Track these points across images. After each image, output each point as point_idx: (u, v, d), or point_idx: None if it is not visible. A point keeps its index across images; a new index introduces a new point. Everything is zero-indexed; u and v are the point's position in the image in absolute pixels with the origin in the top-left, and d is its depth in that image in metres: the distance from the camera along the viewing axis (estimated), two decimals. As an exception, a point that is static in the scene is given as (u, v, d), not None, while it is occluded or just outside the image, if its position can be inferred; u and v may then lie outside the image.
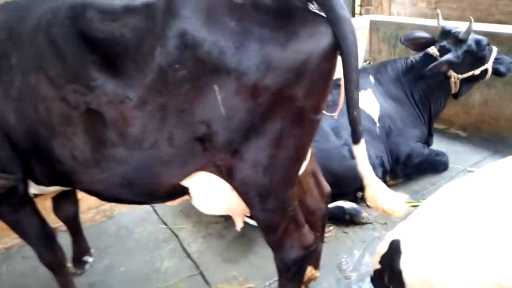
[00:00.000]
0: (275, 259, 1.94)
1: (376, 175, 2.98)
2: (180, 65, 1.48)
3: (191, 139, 1.63)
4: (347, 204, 3.09)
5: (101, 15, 1.58)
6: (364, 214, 3.08)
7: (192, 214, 3.33)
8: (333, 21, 1.49)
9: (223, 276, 2.71)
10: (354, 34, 1.54)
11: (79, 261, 2.90)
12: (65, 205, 2.67)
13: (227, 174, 1.71)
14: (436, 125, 3.96)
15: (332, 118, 3.02)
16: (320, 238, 2.34)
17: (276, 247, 1.89)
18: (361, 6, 5.81)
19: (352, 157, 2.98)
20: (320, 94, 1.59)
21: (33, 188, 2.14)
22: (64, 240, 2.71)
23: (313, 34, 1.46)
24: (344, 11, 1.52)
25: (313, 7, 1.54)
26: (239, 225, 2.07)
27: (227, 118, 1.53)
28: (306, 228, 1.91)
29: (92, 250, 2.97)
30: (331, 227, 3.06)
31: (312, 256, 2.12)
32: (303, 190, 2.18)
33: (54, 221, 2.62)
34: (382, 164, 3.25)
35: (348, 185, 3.12)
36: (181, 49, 1.46)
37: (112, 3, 1.59)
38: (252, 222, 3.01)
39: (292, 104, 1.54)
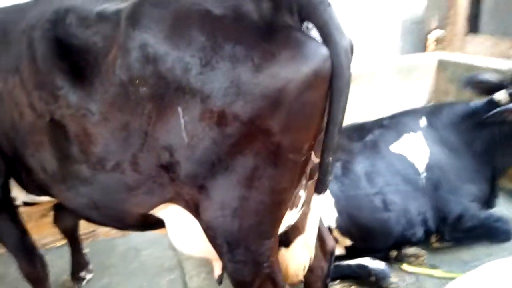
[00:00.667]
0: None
1: (415, 234, 2.60)
2: (140, 81, 1.30)
3: (156, 166, 1.42)
4: (373, 263, 2.62)
5: (78, 21, 1.46)
6: (394, 279, 2.58)
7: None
8: (329, 48, 1.22)
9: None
10: (350, 68, 1.25)
11: (76, 277, 2.80)
12: (65, 216, 2.60)
13: (195, 212, 1.46)
14: (504, 184, 3.32)
15: (367, 160, 2.70)
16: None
17: (247, 307, 1.57)
18: (436, 42, 5.29)
19: (386, 209, 2.59)
20: (301, 131, 1.29)
21: (24, 197, 2.08)
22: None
23: (293, 58, 1.18)
24: (343, 38, 1.23)
25: (308, 29, 1.27)
26: (216, 271, 1.78)
27: (190, 147, 1.30)
28: None
29: (91, 266, 2.86)
30: (352, 287, 2.62)
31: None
32: (301, 243, 1.84)
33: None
34: (425, 222, 2.73)
35: (378, 240, 2.67)
36: (142, 62, 1.27)
37: (91, 8, 1.46)
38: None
39: (266, 138, 1.26)
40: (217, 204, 1.37)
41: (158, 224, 1.69)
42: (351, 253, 2.72)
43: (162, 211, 1.60)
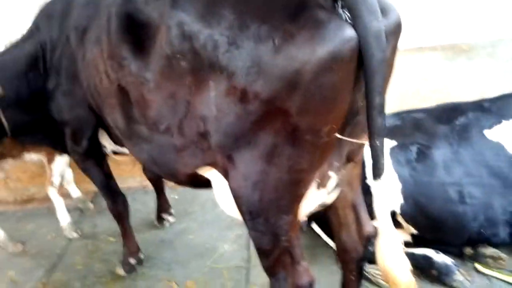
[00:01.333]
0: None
1: (497, 234, 2.35)
2: (180, 56, 1.41)
3: (196, 133, 1.55)
4: (438, 257, 2.44)
5: None
6: (459, 277, 2.38)
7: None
8: (357, 30, 1.17)
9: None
10: (384, 50, 1.18)
11: (159, 217, 3.25)
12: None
13: (226, 179, 1.58)
14: None
15: (449, 147, 2.46)
16: (354, 284, 1.95)
17: (269, 275, 1.68)
18: None
19: (462, 202, 2.37)
20: (319, 114, 1.26)
21: (112, 146, 2.47)
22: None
23: (311, 39, 1.15)
24: (374, 20, 1.17)
25: (339, 8, 1.22)
26: None
27: (217, 119, 1.40)
28: (302, 266, 1.61)
29: (172, 211, 3.26)
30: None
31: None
32: (339, 223, 1.84)
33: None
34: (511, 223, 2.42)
35: (448, 234, 2.46)
36: (180, 39, 1.38)
37: None
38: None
39: (284, 119, 1.28)
40: (241, 175, 1.46)
41: (208, 183, 1.86)
42: (418, 242, 2.57)
43: (208, 173, 1.76)
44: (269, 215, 1.50)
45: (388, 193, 2.01)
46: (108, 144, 2.45)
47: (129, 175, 3.95)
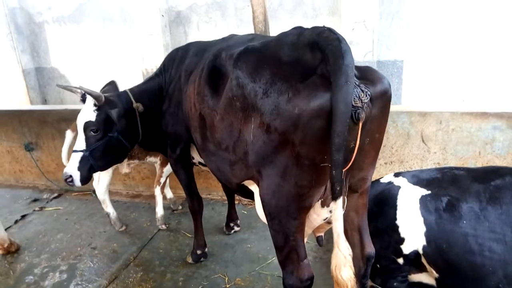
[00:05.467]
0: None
1: None
2: (236, 98, 2.07)
3: (243, 152, 2.19)
4: (453, 302, 2.65)
5: (226, 56, 2.36)
6: (472, 325, 2.55)
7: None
8: (332, 87, 1.68)
9: None
10: (347, 105, 1.65)
11: (228, 225, 3.95)
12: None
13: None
14: None
15: (479, 203, 2.69)
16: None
17: (281, 267, 2.18)
18: None
19: (481, 254, 2.58)
20: (312, 146, 1.79)
21: (199, 158, 3.27)
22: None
23: (308, 96, 1.72)
24: (345, 84, 1.65)
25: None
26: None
27: (253, 143, 2.01)
28: (305, 262, 2.09)
29: (239, 222, 3.93)
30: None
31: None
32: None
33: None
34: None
35: (468, 284, 2.64)
36: (237, 87, 2.05)
37: (233, 50, 2.33)
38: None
39: (292, 147, 1.84)
40: (266, 185, 2.03)
41: (252, 194, 2.47)
42: (442, 287, 2.78)
43: (252, 186, 2.37)
44: (281, 218, 2.03)
45: (413, 231, 2.38)
46: (196, 155, 3.26)
47: (214, 189, 4.78)
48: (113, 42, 6.68)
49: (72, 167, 3.06)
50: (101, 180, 4.00)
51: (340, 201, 1.78)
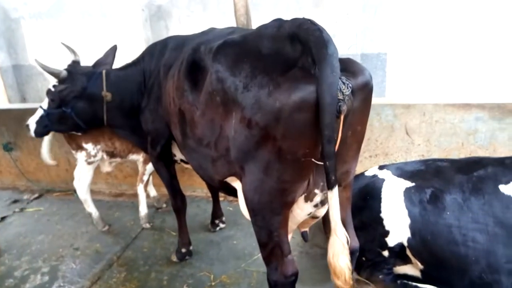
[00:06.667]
0: (267, 274, 2.20)
1: (499, 282, 2.53)
2: (216, 93, 2.03)
3: (225, 148, 2.14)
4: (438, 293, 2.66)
5: (205, 50, 2.30)
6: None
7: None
8: (317, 79, 1.65)
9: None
10: (334, 97, 1.63)
11: (213, 222, 3.91)
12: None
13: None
14: None
15: (462, 194, 2.69)
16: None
17: (265, 263, 2.15)
18: None
19: (464, 244, 2.59)
20: (295, 140, 1.75)
21: (180, 155, 3.21)
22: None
23: (289, 89, 1.68)
24: (331, 75, 1.63)
25: (315, 68, 1.73)
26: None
27: (234, 138, 1.97)
28: (289, 258, 2.06)
29: (224, 219, 3.89)
30: (411, 307, 2.74)
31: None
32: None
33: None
34: (516, 274, 2.53)
35: (449, 273, 2.66)
36: (216, 81, 2.00)
37: (212, 44, 2.28)
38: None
39: (273, 142, 1.80)
40: (248, 181, 1.99)
41: (235, 192, 2.42)
42: (427, 279, 2.80)
43: (234, 183, 2.33)
44: (265, 214, 1.99)
45: (398, 224, 2.36)
46: (177, 153, 3.20)
47: (199, 186, 4.72)
48: (92, 37, 6.52)
49: (32, 119, 3.52)
50: (82, 179, 3.90)
51: (336, 190, 1.76)
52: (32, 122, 3.50)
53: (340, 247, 1.82)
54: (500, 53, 5.00)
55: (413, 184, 2.88)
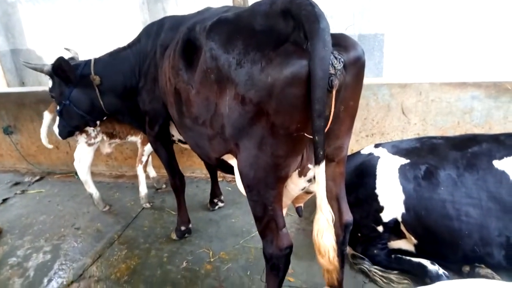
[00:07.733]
0: (263, 248, 2.25)
1: (491, 255, 2.58)
2: (210, 71, 2.04)
3: (220, 126, 2.17)
4: (432, 267, 2.72)
5: (200, 29, 2.32)
6: None
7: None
8: (309, 53, 1.66)
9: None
10: (325, 71, 1.65)
11: (212, 201, 3.96)
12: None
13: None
14: None
15: (456, 170, 2.72)
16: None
17: (261, 237, 2.20)
18: None
19: (458, 219, 2.64)
20: (287, 115, 1.77)
21: (178, 135, 3.24)
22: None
23: (280, 64, 1.69)
24: (323, 50, 1.64)
25: (307, 43, 1.74)
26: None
27: (228, 116, 1.99)
28: (283, 232, 2.11)
29: (223, 198, 3.95)
30: (405, 281, 2.80)
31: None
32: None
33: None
34: (507, 245, 2.57)
35: (443, 247, 2.72)
36: (210, 59, 2.01)
37: (206, 22, 2.28)
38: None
39: (266, 117, 1.82)
40: (243, 158, 2.02)
41: (233, 169, 2.46)
42: (421, 253, 2.86)
43: (231, 160, 2.36)
44: (259, 189, 2.03)
45: (392, 200, 2.38)
46: (175, 133, 3.23)
47: (198, 167, 4.77)
48: (89, 20, 6.49)
49: (56, 124, 3.69)
50: (83, 160, 3.95)
51: (323, 165, 1.78)
52: (55, 127, 3.69)
53: (324, 224, 1.84)
54: (496, 32, 4.98)
55: (408, 161, 2.92)
